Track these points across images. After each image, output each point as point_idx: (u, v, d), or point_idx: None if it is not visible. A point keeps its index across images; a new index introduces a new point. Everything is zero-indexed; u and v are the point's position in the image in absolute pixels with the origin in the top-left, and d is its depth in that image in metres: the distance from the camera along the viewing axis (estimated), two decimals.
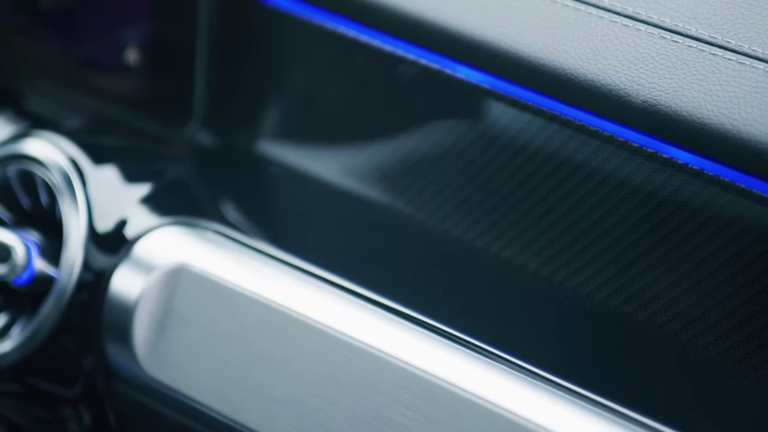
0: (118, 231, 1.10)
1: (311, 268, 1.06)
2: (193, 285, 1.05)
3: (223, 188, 1.17)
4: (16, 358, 1.10)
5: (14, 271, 1.10)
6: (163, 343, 1.06)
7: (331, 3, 1.10)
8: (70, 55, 1.23)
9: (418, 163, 1.10)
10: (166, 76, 1.18)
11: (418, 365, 0.96)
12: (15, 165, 1.13)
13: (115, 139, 1.20)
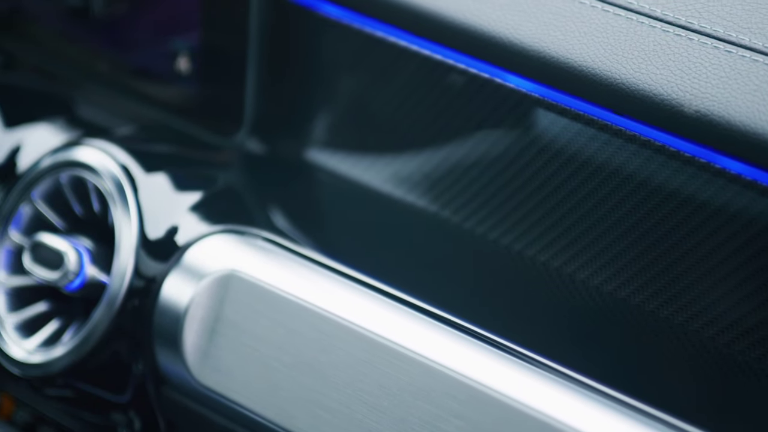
0: (168, 238, 1.10)
1: (359, 276, 1.05)
2: (242, 292, 1.05)
3: (272, 196, 1.17)
4: (67, 363, 1.10)
5: (66, 277, 1.10)
6: (213, 350, 1.06)
7: (381, 12, 1.09)
8: (122, 63, 1.24)
9: (466, 171, 1.09)
10: (217, 85, 1.18)
11: (467, 373, 0.95)
12: (68, 172, 1.13)
13: (166, 146, 1.20)
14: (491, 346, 0.98)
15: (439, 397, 0.96)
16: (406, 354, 0.98)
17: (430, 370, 0.97)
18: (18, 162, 1.18)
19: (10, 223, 1.14)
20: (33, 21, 1.28)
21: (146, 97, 1.23)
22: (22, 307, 1.14)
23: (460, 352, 0.97)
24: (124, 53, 1.23)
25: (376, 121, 1.14)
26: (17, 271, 1.14)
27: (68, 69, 1.27)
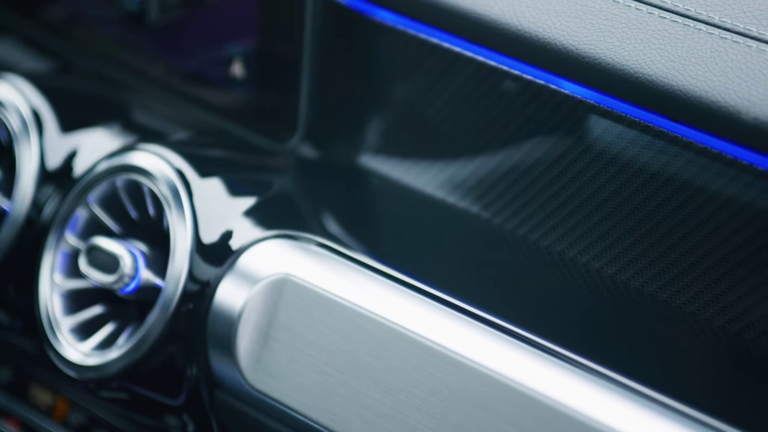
0: (223, 242, 1.10)
1: (412, 281, 1.05)
2: (296, 296, 1.05)
3: (325, 201, 1.17)
4: (122, 366, 1.10)
5: (122, 281, 1.11)
6: (266, 354, 1.06)
7: (436, 18, 1.09)
8: (176, 68, 1.24)
9: (520, 178, 1.09)
10: (271, 90, 1.18)
11: (521, 380, 0.95)
12: (123, 176, 1.14)
13: (220, 151, 1.20)
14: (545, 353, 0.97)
15: (492, 404, 0.96)
16: (460, 360, 0.98)
17: (483, 376, 0.96)
18: (74, 166, 1.19)
19: (67, 227, 1.15)
20: (89, 27, 1.28)
21: (201, 103, 1.23)
22: (78, 310, 1.14)
23: (513, 359, 0.97)
24: (179, 59, 1.24)
25: (430, 127, 1.14)
26: (73, 275, 1.14)
27: (124, 74, 1.28)
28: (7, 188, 1.20)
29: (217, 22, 1.20)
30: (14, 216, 1.18)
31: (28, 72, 1.27)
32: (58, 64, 1.30)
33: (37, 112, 1.21)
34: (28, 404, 1.29)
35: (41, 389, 1.28)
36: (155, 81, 1.26)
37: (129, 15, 1.25)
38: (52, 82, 1.26)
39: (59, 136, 1.21)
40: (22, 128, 1.20)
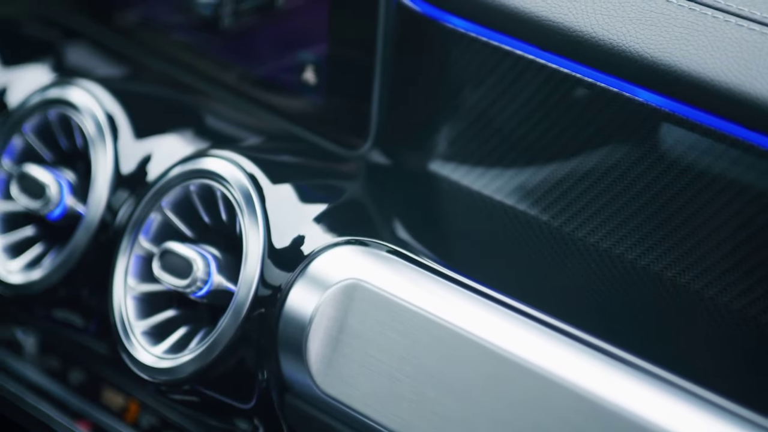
0: (294, 247, 1.11)
1: (483, 288, 1.04)
2: (367, 302, 1.05)
3: (396, 207, 1.17)
4: (194, 369, 1.11)
5: (194, 285, 1.11)
6: (337, 359, 1.06)
7: (509, 26, 1.09)
8: (249, 74, 1.25)
9: (592, 185, 1.08)
10: (343, 97, 1.18)
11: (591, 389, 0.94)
12: (197, 182, 1.14)
13: (292, 157, 1.20)
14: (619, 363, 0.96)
15: (562, 412, 0.95)
16: (530, 368, 0.97)
17: (553, 384, 0.96)
18: (148, 171, 1.20)
19: (141, 231, 1.16)
20: (163, 32, 1.29)
21: (272, 109, 1.24)
22: (151, 314, 1.15)
23: (586, 368, 0.96)
24: (252, 65, 1.24)
25: (501, 134, 1.13)
26: (147, 278, 1.15)
27: (196, 80, 1.28)
28: (82, 192, 1.21)
29: (290, 29, 1.21)
30: (89, 220, 1.19)
31: (103, 77, 1.28)
32: (132, 69, 1.31)
33: (112, 117, 1.22)
34: (100, 406, 1.30)
35: (113, 391, 1.29)
36: (227, 87, 1.26)
37: (203, 21, 1.25)
38: (126, 88, 1.27)
39: (133, 141, 1.22)
40: (98, 133, 1.21)
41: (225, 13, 1.24)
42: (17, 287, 1.21)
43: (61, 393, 1.33)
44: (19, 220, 1.24)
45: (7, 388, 1.34)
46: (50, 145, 1.25)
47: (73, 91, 1.23)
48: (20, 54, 1.32)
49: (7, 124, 1.25)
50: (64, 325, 1.23)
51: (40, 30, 1.36)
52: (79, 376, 1.32)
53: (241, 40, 1.24)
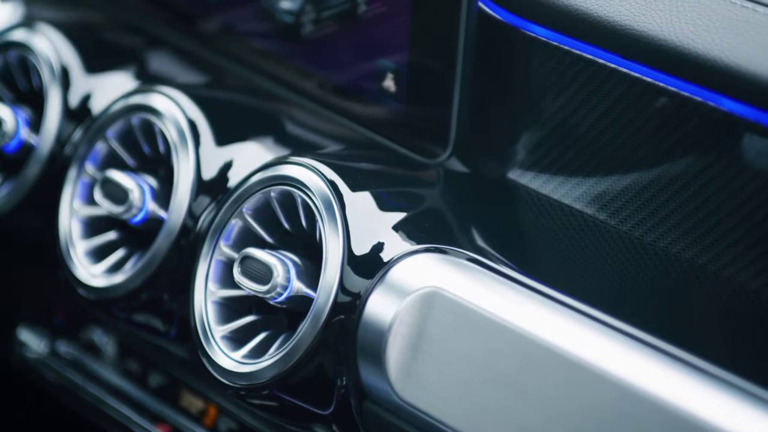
0: (373, 255, 1.11)
1: (561, 297, 1.04)
2: (445, 310, 1.05)
3: (475, 215, 1.16)
4: (273, 374, 1.11)
5: (274, 290, 1.11)
6: (415, 367, 1.05)
7: (590, 34, 1.08)
8: (328, 81, 1.25)
9: (674, 195, 1.07)
10: (423, 105, 1.18)
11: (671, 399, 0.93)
12: (277, 188, 1.15)
13: (371, 164, 1.20)
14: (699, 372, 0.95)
15: (643, 423, 0.94)
16: (610, 378, 0.96)
17: (633, 394, 0.95)
18: (229, 177, 1.20)
19: (221, 237, 1.16)
20: (243, 39, 1.30)
21: (352, 116, 1.24)
22: (231, 319, 1.16)
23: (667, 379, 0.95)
24: (331, 72, 1.24)
25: (581, 143, 1.12)
26: (227, 284, 1.16)
27: (276, 87, 1.29)
28: (164, 198, 1.22)
29: (370, 37, 1.21)
30: (170, 225, 1.20)
31: (185, 84, 1.29)
32: (214, 76, 1.32)
33: (194, 123, 1.23)
34: (178, 409, 1.31)
35: (192, 395, 1.30)
36: (307, 94, 1.27)
37: (283, 28, 1.26)
38: (208, 95, 1.28)
39: (214, 147, 1.22)
40: (180, 139, 1.22)
41: (306, 20, 1.24)
42: (100, 290, 1.22)
43: (140, 396, 1.34)
44: (101, 225, 1.25)
45: (88, 390, 1.35)
46: (133, 151, 1.26)
47: (156, 97, 1.24)
48: (104, 61, 1.33)
49: (91, 130, 1.26)
50: (144, 328, 1.24)
51: (124, 37, 1.37)
52: (159, 379, 1.33)
53: (321, 48, 1.24)
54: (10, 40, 1.34)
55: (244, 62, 1.30)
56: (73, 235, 1.24)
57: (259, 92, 1.29)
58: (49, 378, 1.39)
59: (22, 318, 1.44)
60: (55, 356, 1.40)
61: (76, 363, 1.39)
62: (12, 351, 1.43)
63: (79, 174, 1.26)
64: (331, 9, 1.23)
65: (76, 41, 1.33)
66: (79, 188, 1.26)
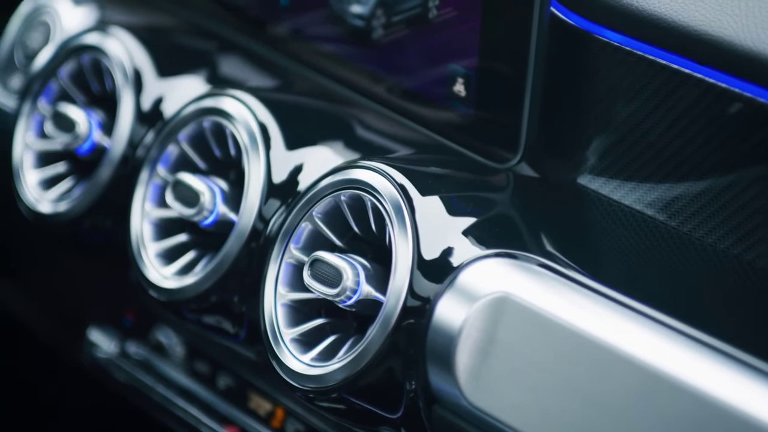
0: (443, 259, 1.10)
1: (634, 303, 1.03)
2: (516, 316, 1.04)
3: (545, 220, 1.16)
4: (342, 377, 1.11)
5: (344, 294, 1.11)
6: (485, 372, 1.05)
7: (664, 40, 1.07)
8: (398, 85, 1.25)
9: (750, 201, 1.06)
10: (493, 109, 1.17)
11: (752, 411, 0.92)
12: (347, 192, 1.15)
13: (441, 169, 1.20)
14: None
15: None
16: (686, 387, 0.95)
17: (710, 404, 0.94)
18: (300, 181, 1.20)
19: (291, 240, 1.16)
20: (313, 43, 1.30)
21: (421, 120, 1.23)
22: (300, 322, 1.16)
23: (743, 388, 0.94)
24: (401, 76, 1.24)
25: (653, 149, 1.11)
26: (296, 287, 1.16)
27: (346, 91, 1.29)
28: (234, 201, 1.22)
29: (440, 41, 1.20)
30: (241, 228, 1.20)
31: (256, 88, 1.29)
32: (283, 80, 1.32)
33: (265, 127, 1.23)
34: (247, 411, 1.31)
35: (261, 397, 1.30)
36: (377, 98, 1.26)
37: (354, 32, 1.26)
38: (278, 98, 1.28)
39: (285, 150, 1.22)
40: (251, 143, 1.22)
41: (376, 24, 1.24)
42: (170, 292, 1.23)
43: (209, 397, 1.34)
44: (172, 227, 1.26)
45: (158, 390, 1.36)
46: (204, 154, 1.26)
47: (227, 101, 1.25)
48: (176, 64, 1.34)
49: (163, 132, 1.27)
50: (214, 330, 1.24)
51: (196, 41, 1.38)
52: (227, 380, 1.33)
53: (391, 52, 1.24)
54: (84, 44, 1.35)
55: (314, 66, 1.31)
56: (144, 237, 1.25)
57: (329, 96, 1.29)
58: (119, 378, 1.40)
59: (93, 319, 1.45)
60: (125, 357, 1.41)
61: (146, 364, 1.40)
62: (83, 351, 1.44)
63: (151, 176, 1.26)
64: (401, 13, 1.22)
65: (149, 45, 1.34)
66: (150, 190, 1.26)
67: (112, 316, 1.44)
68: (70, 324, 1.48)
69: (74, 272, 1.51)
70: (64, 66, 1.36)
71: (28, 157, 1.36)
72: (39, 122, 1.36)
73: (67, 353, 1.48)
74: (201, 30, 1.39)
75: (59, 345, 1.54)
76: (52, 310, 1.58)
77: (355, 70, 1.27)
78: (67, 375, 1.67)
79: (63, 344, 1.52)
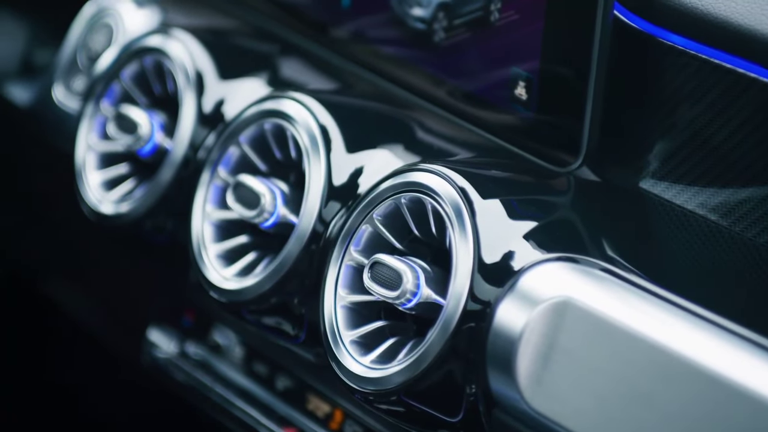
0: (503, 263, 1.09)
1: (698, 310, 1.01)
2: (578, 320, 1.03)
3: (606, 224, 1.14)
4: (402, 380, 1.10)
5: (403, 296, 1.11)
6: (546, 376, 1.04)
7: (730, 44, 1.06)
8: (458, 88, 1.24)
9: None
10: (555, 113, 1.16)
11: None
12: (408, 195, 1.14)
13: (502, 172, 1.19)
14: None
15: None
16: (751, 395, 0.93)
17: None
18: (360, 183, 1.20)
19: (352, 242, 1.16)
20: (373, 44, 1.29)
21: (481, 124, 1.23)
22: (360, 324, 1.15)
23: None
24: (462, 79, 1.23)
25: (719, 153, 1.10)
26: (356, 289, 1.15)
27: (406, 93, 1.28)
28: (295, 203, 1.22)
29: (501, 44, 1.19)
30: (301, 229, 1.20)
31: (316, 90, 1.29)
32: (344, 82, 1.32)
33: (326, 129, 1.23)
34: (305, 412, 1.31)
35: (319, 398, 1.30)
36: (437, 101, 1.26)
37: (415, 35, 1.25)
38: (338, 101, 1.28)
39: (345, 153, 1.22)
40: (312, 145, 1.22)
41: (438, 27, 1.23)
42: (230, 293, 1.23)
43: (267, 398, 1.34)
44: (233, 229, 1.26)
45: (217, 390, 1.36)
46: (265, 155, 1.26)
47: (288, 103, 1.24)
48: (237, 67, 1.34)
49: (224, 134, 1.27)
50: (273, 331, 1.24)
51: (256, 43, 1.38)
52: (286, 382, 1.33)
53: (452, 55, 1.23)
54: (146, 46, 1.35)
55: (374, 68, 1.30)
56: (205, 238, 1.25)
57: (389, 98, 1.29)
58: (178, 378, 1.40)
59: (152, 319, 1.45)
60: (184, 357, 1.41)
61: (204, 364, 1.40)
62: (142, 351, 1.44)
63: (212, 178, 1.26)
64: (463, 16, 1.21)
65: (210, 47, 1.34)
66: (211, 192, 1.26)
67: (172, 316, 1.44)
68: (130, 324, 1.48)
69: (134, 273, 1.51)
70: (127, 68, 1.36)
71: (91, 158, 1.36)
72: (102, 124, 1.36)
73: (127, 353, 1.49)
74: (261, 32, 1.39)
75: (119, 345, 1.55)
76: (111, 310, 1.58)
77: (416, 72, 1.27)
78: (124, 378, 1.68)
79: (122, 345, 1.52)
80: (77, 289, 1.63)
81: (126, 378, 1.67)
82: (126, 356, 1.50)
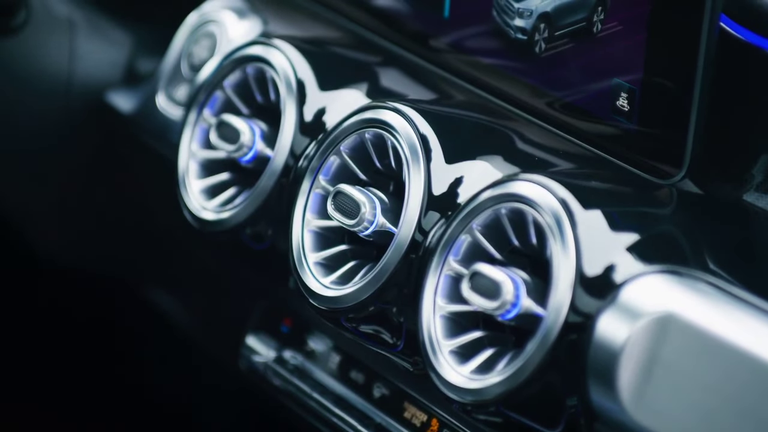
0: (605, 275, 1.06)
1: None
2: (682, 335, 1.00)
3: (710, 238, 1.11)
4: (501, 391, 1.07)
5: (503, 307, 1.08)
6: (649, 390, 1.01)
7: None
8: (559, 99, 1.21)
9: None
10: (657, 125, 1.13)
11: None
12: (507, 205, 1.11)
13: (603, 183, 1.16)
14: None
15: None
16: None
17: None
18: (459, 193, 1.18)
19: (451, 252, 1.14)
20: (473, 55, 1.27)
21: (582, 135, 1.20)
22: (458, 334, 1.13)
23: None
24: (562, 90, 1.21)
25: None
26: (455, 299, 1.13)
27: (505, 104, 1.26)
28: (393, 212, 1.20)
29: (604, 55, 1.17)
30: (401, 238, 1.18)
31: (416, 100, 1.27)
32: (443, 92, 1.30)
33: (426, 139, 1.21)
34: (402, 421, 1.29)
35: (416, 407, 1.28)
36: (537, 112, 1.23)
37: (516, 46, 1.23)
38: (438, 111, 1.26)
39: (445, 163, 1.20)
40: (412, 155, 1.20)
41: (539, 38, 1.21)
42: (329, 300, 1.21)
43: (364, 405, 1.33)
44: (333, 237, 1.24)
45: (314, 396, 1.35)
46: (365, 165, 1.25)
47: (388, 113, 1.22)
48: (337, 76, 1.32)
49: (325, 143, 1.25)
50: (371, 339, 1.22)
51: (356, 53, 1.36)
52: (383, 390, 1.31)
53: (553, 66, 1.21)
54: (248, 55, 1.34)
55: (474, 79, 1.28)
56: (305, 246, 1.24)
57: (488, 109, 1.26)
58: (276, 384, 1.39)
59: (251, 325, 1.44)
60: (282, 363, 1.40)
61: (301, 370, 1.39)
62: (241, 356, 1.44)
63: (312, 186, 1.25)
64: (564, 28, 1.19)
65: (311, 57, 1.33)
66: (312, 200, 1.25)
67: (270, 323, 1.43)
68: (228, 330, 1.47)
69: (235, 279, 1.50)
70: (229, 77, 1.35)
71: (193, 165, 1.36)
72: (204, 132, 1.36)
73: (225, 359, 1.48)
74: (361, 42, 1.37)
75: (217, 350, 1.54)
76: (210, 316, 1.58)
77: (516, 83, 1.24)
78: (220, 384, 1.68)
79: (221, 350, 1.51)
80: (177, 295, 1.62)
81: (222, 383, 1.67)
82: (224, 361, 1.49)
